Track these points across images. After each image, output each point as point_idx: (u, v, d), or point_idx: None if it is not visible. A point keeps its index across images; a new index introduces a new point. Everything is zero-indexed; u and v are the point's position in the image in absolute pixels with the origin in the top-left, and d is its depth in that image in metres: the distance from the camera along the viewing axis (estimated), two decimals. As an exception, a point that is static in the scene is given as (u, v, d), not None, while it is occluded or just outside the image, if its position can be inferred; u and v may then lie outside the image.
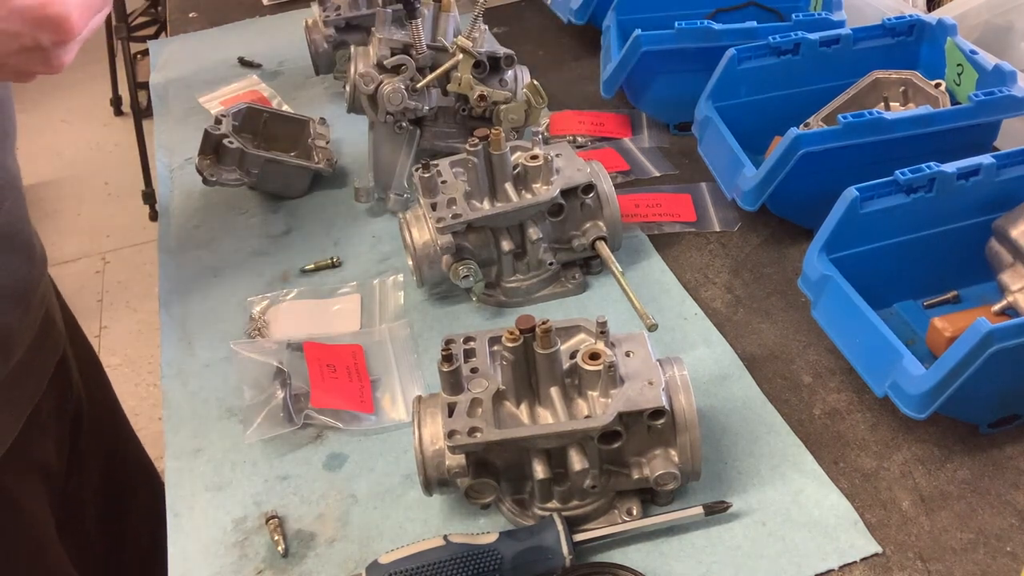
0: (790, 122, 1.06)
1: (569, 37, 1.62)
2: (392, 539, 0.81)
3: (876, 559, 0.76)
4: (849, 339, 0.87)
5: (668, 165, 1.26)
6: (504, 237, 1.01)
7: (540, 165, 1.00)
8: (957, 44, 1.10)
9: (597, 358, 0.76)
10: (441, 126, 1.22)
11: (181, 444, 0.93)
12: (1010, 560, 0.75)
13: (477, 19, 1.14)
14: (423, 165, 1.01)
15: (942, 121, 1.02)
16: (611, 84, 1.29)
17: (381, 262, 1.14)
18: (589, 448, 0.75)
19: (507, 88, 1.19)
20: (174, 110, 1.53)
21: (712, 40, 1.21)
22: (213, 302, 1.11)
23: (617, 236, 1.05)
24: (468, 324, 1.04)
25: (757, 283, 1.05)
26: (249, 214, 1.25)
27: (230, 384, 0.98)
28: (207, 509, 0.86)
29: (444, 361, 0.76)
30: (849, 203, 0.90)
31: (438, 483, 0.79)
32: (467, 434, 0.73)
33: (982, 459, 0.83)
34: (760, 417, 0.88)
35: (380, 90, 1.13)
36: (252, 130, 1.29)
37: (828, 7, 1.29)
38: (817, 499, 0.80)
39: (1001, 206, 0.94)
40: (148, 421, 2.54)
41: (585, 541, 0.77)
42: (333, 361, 0.97)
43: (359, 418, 0.92)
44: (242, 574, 0.80)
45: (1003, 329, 0.73)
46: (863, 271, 0.90)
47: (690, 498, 0.81)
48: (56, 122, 4.04)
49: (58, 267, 3.22)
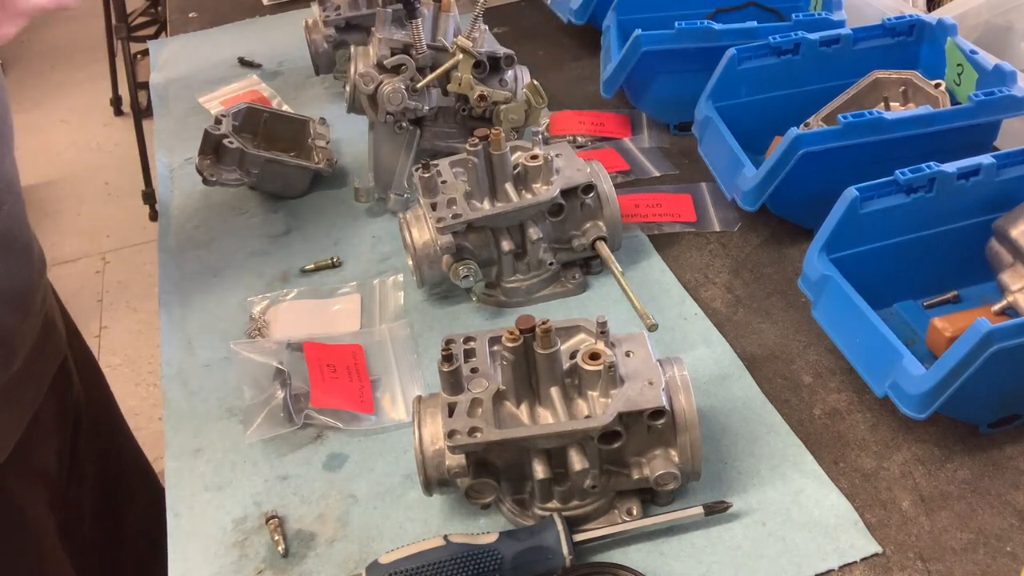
0: (790, 122, 1.06)
1: (569, 37, 1.62)
2: (392, 539, 0.81)
3: (876, 559, 0.76)
4: (849, 339, 0.87)
5: (668, 165, 1.26)
6: (504, 237, 1.01)
7: (540, 165, 1.00)
8: (957, 44, 1.10)
9: (597, 358, 0.76)
10: (441, 126, 1.22)
11: (181, 444, 0.93)
12: (1010, 560, 0.75)
13: (477, 19, 1.14)
14: (423, 165, 1.01)
15: (942, 121, 1.02)
16: (611, 84, 1.29)
17: (381, 262, 1.14)
18: (589, 448, 0.75)
19: (507, 88, 1.19)
20: (174, 110, 1.53)
21: (712, 40, 1.21)
22: (213, 302, 1.11)
23: (617, 236, 1.05)
24: (468, 324, 1.04)
25: (757, 283, 1.05)
26: (249, 214, 1.25)
27: (230, 384, 0.98)
28: (207, 509, 0.86)
29: (444, 361, 0.76)
30: (849, 203, 0.90)
31: (438, 483, 0.79)
32: (467, 434, 0.73)
33: (982, 459, 0.83)
34: (760, 417, 0.88)
35: (380, 90, 1.13)
36: (252, 130, 1.29)
37: (828, 7, 1.29)
38: (817, 499, 0.80)
39: (1001, 206, 0.94)
40: (148, 421, 2.54)
41: (585, 541, 0.77)
42: (333, 361, 0.97)
43: (359, 418, 0.92)
44: (242, 574, 0.80)
45: (1003, 329, 0.73)
46: (863, 271, 0.90)
47: (690, 498, 0.81)
48: (56, 122, 4.04)
49: (58, 267, 3.22)
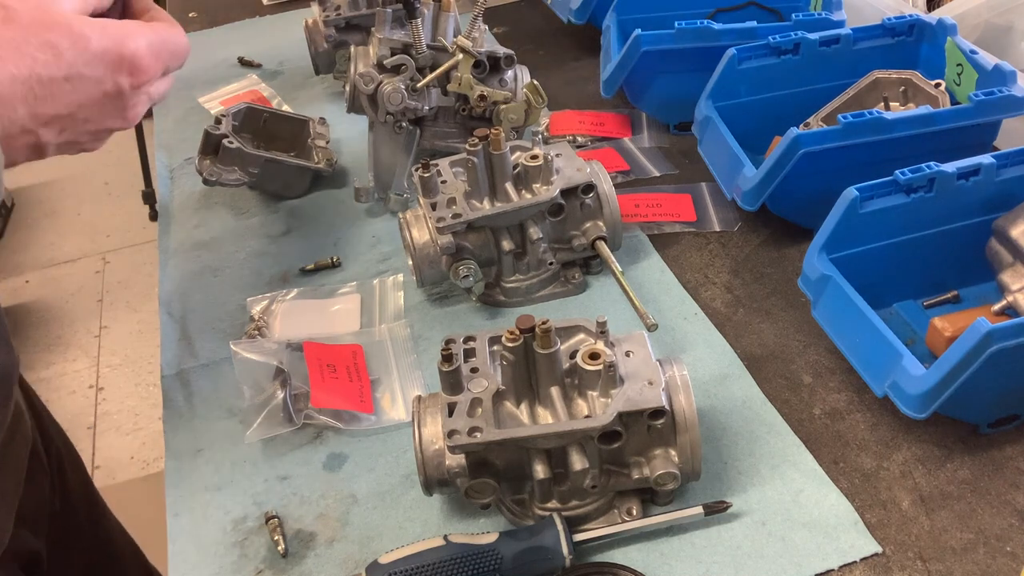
0: (790, 122, 1.06)
1: (569, 37, 1.62)
2: (392, 539, 0.81)
3: (876, 559, 0.76)
4: (849, 339, 0.86)
5: (668, 165, 1.26)
6: (504, 237, 1.01)
7: (540, 165, 1.00)
8: (957, 44, 1.10)
9: (597, 358, 0.76)
10: (441, 126, 1.22)
11: (181, 444, 0.93)
12: (1010, 560, 0.75)
13: (477, 19, 1.14)
14: (423, 165, 1.01)
15: (942, 121, 1.02)
16: (611, 84, 1.29)
17: (381, 262, 1.14)
18: (589, 448, 0.75)
19: (507, 88, 1.19)
20: (174, 110, 1.53)
21: (712, 40, 1.21)
22: (213, 302, 1.11)
23: (617, 236, 1.05)
24: (468, 324, 1.04)
25: (757, 283, 1.05)
26: (249, 214, 1.25)
27: (230, 384, 0.98)
28: (207, 509, 0.86)
29: (444, 361, 0.76)
30: (849, 203, 0.90)
31: (438, 483, 0.79)
32: (467, 434, 0.73)
33: (982, 459, 0.83)
34: (760, 417, 0.88)
35: (380, 90, 1.13)
36: (252, 130, 1.29)
37: (828, 7, 1.29)
38: (817, 499, 0.80)
39: (1001, 206, 0.94)
40: (148, 421, 2.55)
41: (585, 541, 0.77)
42: (333, 361, 0.97)
43: (359, 418, 0.92)
44: (242, 574, 0.80)
45: (1003, 329, 0.73)
46: (863, 271, 0.90)
47: (690, 498, 0.81)
48: (56, 122, 4.04)
49: (58, 267, 3.23)
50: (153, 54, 0.72)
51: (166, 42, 0.74)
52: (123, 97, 0.72)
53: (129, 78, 0.71)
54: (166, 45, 0.74)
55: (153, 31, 0.73)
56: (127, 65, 0.70)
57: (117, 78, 0.70)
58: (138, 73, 0.71)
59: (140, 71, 0.71)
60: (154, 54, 0.72)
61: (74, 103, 0.69)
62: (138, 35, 0.71)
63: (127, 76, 0.71)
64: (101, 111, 0.71)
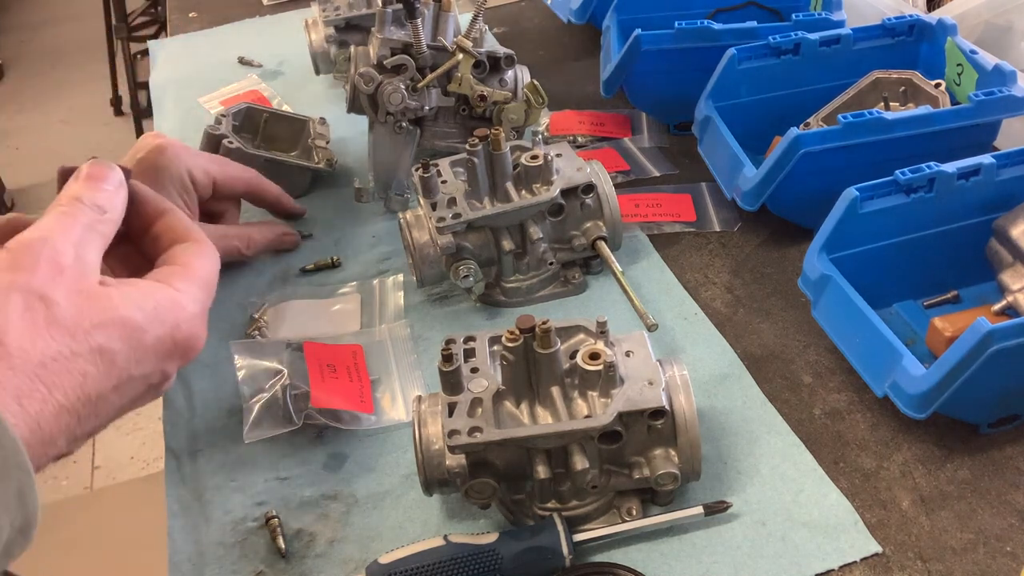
0: (790, 122, 1.06)
1: (569, 37, 1.62)
2: (392, 539, 0.81)
3: (876, 559, 0.76)
4: (849, 339, 0.87)
5: (668, 165, 1.26)
6: (504, 237, 1.01)
7: (540, 165, 1.00)
8: (957, 44, 1.10)
9: (597, 358, 0.76)
10: (441, 126, 1.22)
11: (181, 444, 0.93)
12: (1010, 560, 0.75)
13: (477, 19, 1.14)
14: (423, 165, 1.01)
15: (942, 121, 1.02)
16: (611, 84, 1.29)
17: (381, 262, 1.14)
18: (589, 448, 0.75)
19: (507, 88, 1.19)
20: (174, 110, 1.53)
21: (712, 40, 1.21)
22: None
23: (617, 236, 1.05)
24: (468, 324, 1.04)
25: (757, 283, 1.05)
26: (249, 214, 1.25)
27: (230, 384, 0.98)
28: (207, 509, 0.86)
29: (444, 361, 0.76)
30: (849, 203, 0.90)
31: (438, 483, 0.79)
32: (467, 434, 0.73)
33: (982, 459, 0.83)
34: (760, 417, 0.88)
35: (380, 90, 1.13)
36: (252, 130, 1.29)
37: (828, 7, 1.29)
38: (817, 499, 0.80)
39: (1001, 206, 0.94)
40: (148, 421, 2.55)
41: (585, 541, 0.77)
42: (333, 361, 0.97)
43: (359, 418, 0.92)
44: (242, 574, 0.80)
45: (1003, 329, 0.73)
46: (863, 271, 0.90)
47: (690, 498, 0.81)
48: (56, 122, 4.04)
49: (58, 267, 3.22)
50: (203, 318, 0.62)
51: (210, 285, 0.65)
52: (167, 382, 0.62)
53: (180, 362, 0.62)
54: (210, 290, 0.65)
55: (198, 285, 0.63)
56: (180, 351, 0.61)
57: (166, 367, 0.61)
58: (190, 355, 0.62)
59: (192, 352, 0.62)
60: (203, 316, 0.62)
61: (115, 410, 0.58)
62: (187, 300, 0.61)
63: (178, 361, 0.61)
64: (137, 403, 0.61)
